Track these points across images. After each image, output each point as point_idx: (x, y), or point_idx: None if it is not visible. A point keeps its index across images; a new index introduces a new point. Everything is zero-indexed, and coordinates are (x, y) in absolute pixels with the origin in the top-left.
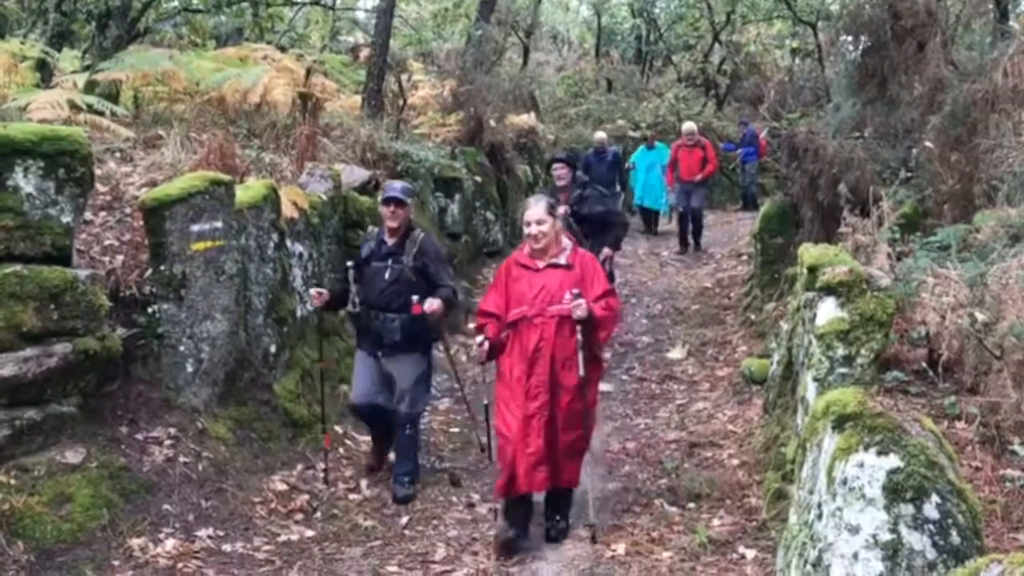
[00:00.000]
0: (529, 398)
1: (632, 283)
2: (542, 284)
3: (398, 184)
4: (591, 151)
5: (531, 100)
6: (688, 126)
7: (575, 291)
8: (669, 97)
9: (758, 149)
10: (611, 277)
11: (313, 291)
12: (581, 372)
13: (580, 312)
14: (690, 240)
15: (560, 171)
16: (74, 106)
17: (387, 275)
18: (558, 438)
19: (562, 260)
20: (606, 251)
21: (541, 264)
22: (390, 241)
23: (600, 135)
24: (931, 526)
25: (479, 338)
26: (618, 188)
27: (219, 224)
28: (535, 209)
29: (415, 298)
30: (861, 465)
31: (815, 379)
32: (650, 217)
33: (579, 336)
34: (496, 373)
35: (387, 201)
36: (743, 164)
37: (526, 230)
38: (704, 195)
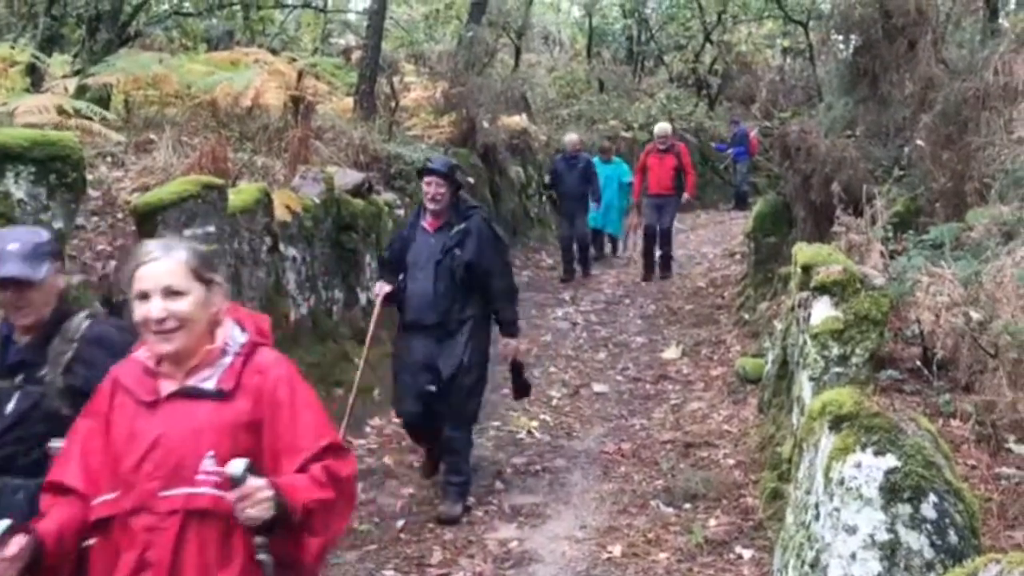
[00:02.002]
0: None
1: (625, 283)
2: (156, 436)
3: (16, 232)
4: (560, 156)
5: (523, 101)
6: (661, 127)
7: (243, 464)
8: (661, 97)
9: (749, 148)
10: (525, 388)
11: None
12: None
13: (255, 512)
14: (656, 266)
15: (435, 188)
16: (63, 111)
17: (11, 405)
18: None
19: (211, 381)
20: (512, 344)
21: (165, 389)
22: (21, 340)
23: (572, 137)
24: (929, 526)
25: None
26: (591, 202)
27: (212, 228)
28: (161, 263)
29: (55, 446)
30: (858, 465)
31: (810, 378)
32: (601, 240)
33: (262, 556)
34: None
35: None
36: (735, 163)
37: (138, 310)
38: (675, 211)
